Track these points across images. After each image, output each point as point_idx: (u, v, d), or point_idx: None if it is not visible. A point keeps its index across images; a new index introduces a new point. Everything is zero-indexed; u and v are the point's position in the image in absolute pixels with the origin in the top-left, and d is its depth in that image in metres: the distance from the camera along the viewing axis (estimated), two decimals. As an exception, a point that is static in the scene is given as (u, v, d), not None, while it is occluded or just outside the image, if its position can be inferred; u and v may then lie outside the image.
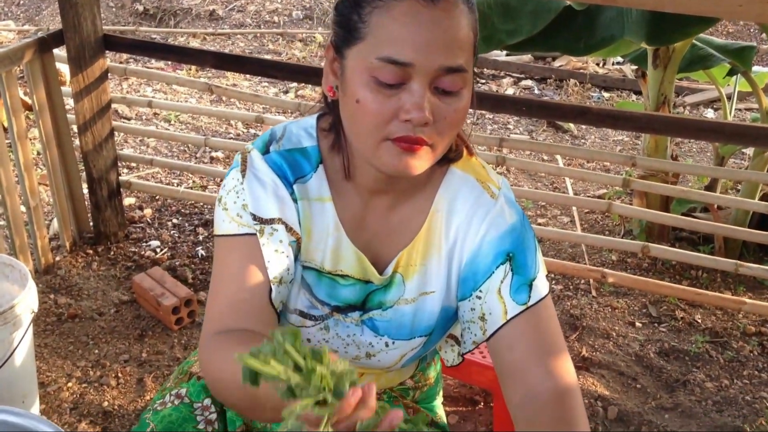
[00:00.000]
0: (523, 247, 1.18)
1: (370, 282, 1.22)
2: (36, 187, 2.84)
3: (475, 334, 1.20)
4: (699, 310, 2.90)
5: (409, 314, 1.23)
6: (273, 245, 1.14)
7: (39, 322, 2.64)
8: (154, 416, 1.32)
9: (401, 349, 1.25)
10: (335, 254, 1.20)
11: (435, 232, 1.21)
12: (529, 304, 1.16)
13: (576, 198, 3.27)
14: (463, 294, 1.21)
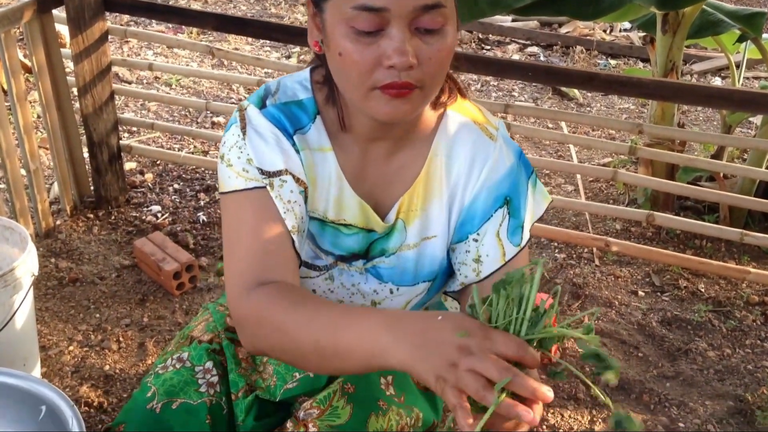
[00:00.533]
0: (518, 191, 1.20)
1: (373, 231, 1.22)
2: (36, 150, 2.81)
3: (466, 275, 1.21)
4: (702, 280, 2.89)
5: (411, 260, 1.23)
6: (285, 196, 1.14)
7: (40, 285, 2.63)
8: (156, 380, 1.32)
9: (406, 295, 1.25)
10: (338, 203, 1.20)
11: (435, 176, 1.21)
12: (522, 245, 1.20)
13: (581, 165, 3.24)
14: (459, 237, 1.22)
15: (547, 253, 3.04)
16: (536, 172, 1.28)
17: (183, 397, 1.28)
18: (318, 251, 1.23)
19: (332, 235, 1.22)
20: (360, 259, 1.24)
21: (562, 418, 2.18)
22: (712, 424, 2.18)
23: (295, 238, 1.13)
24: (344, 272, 1.24)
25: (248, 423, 1.31)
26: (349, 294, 1.25)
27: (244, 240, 1.12)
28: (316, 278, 1.24)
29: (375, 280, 1.24)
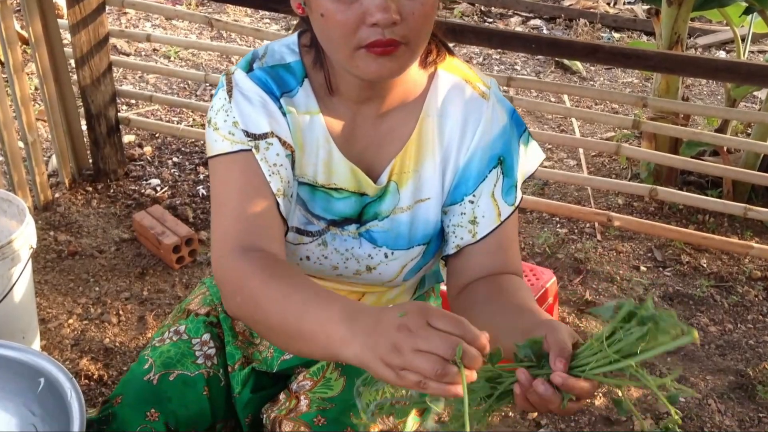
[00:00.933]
0: (511, 150, 1.20)
1: (365, 194, 1.20)
2: (33, 122, 2.78)
3: (462, 237, 1.20)
4: (705, 255, 2.87)
5: (405, 223, 1.21)
6: (271, 159, 1.13)
7: (39, 258, 2.62)
8: (153, 352, 1.31)
9: (401, 259, 1.23)
10: (327, 167, 1.19)
11: (427, 137, 1.19)
12: (516, 204, 1.21)
13: (584, 139, 3.21)
14: (453, 199, 1.21)
15: (548, 227, 3.02)
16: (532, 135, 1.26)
17: (180, 368, 1.28)
18: (310, 217, 1.21)
19: (323, 199, 1.20)
20: (353, 223, 1.22)
21: (563, 392, 2.17)
22: (713, 399, 2.17)
23: (281, 201, 1.12)
24: (337, 237, 1.23)
25: (245, 395, 1.30)
26: (343, 259, 1.24)
27: (230, 203, 1.11)
28: (309, 244, 1.23)
29: (369, 244, 1.23)
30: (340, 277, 1.26)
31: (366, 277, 1.25)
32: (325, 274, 1.26)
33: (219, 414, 1.30)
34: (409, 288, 1.38)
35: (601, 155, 3.60)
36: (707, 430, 2.06)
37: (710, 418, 2.10)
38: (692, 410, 2.12)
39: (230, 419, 1.33)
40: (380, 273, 1.24)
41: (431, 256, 1.27)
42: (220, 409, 1.30)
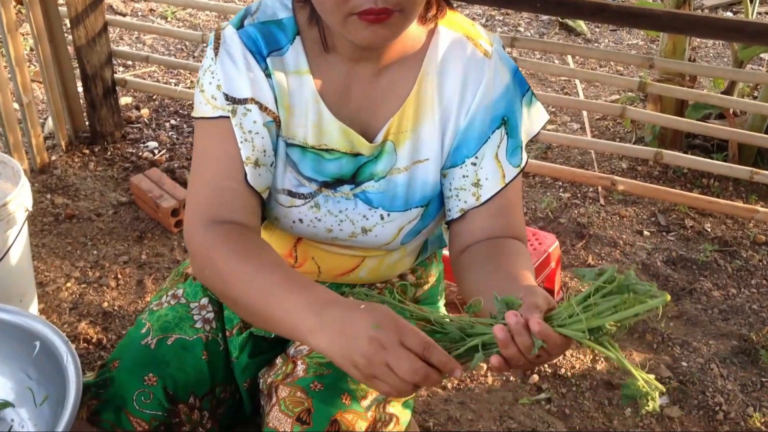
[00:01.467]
0: (514, 110, 1.17)
1: (360, 154, 1.17)
2: (28, 83, 2.73)
3: (465, 201, 1.17)
4: (709, 219, 2.84)
5: (402, 184, 1.18)
6: (247, 126, 1.11)
7: (36, 222, 2.59)
8: (150, 316, 1.29)
9: (398, 221, 1.20)
10: (317, 128, 1.16)
11: (426, 96, 1.16)
12: (522, 166, 1.18)
13: (588, 102, 3.16)
14: (454, 161, 1.18)
15: (551, 192, 2.99)
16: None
17: (178, 332, 1.26)
18: (301, 179, 1.18)
19: (313, 161, 1.17)
20: (346, 184, 1.19)
21: (564, 357, 2.16)
22: (715, 364, 2.16)
23: (249, 169, 1.11)
24: (330, 199, 1.19)
25: (242, 360, 1.28)
26: (337, 221, 1.21)
27: (206, 172, 1.11)
28: (302, 206, 1.20)
29: (364, 205, 1.20)
30: (336, 239, 1.23)
31: (362, 240, 1.22)
32: (319, 237, 1.23)
33: (218, 378, 1.28)
34: (411, 253, 1.34)
35: (606, 118, 3.55)
36: (709, 394, 2.06)
37: (712, 383, 2.09)
38: (694, 375, 2.11)
39: (229, 383, 1.31)
40: (376, 235, 1.21)
41: (431, 219, 1.24)
42: (219, 374, 1.28)
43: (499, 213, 1.17)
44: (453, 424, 1.93)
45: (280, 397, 1.15)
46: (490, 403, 2.00)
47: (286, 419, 1.12)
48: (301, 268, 1.31)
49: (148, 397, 1.19)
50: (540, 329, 0.88)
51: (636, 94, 3.65)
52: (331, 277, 1.32)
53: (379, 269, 1.32)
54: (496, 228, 1.17)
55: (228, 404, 1.32)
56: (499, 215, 1.17)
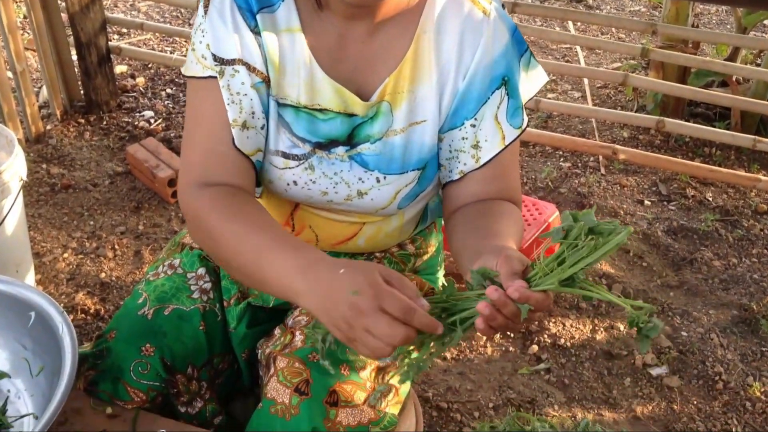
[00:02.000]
0: (514, 69, 1.15)
1: (354, 115, 1.15)
2: (22, 50, 2.69)
3: (465, 163, 1.16)
4: (710, 188, 2.82)
5: (399, 146, 1.16)
6: (234, 87, 1.10)
7: (32, 192, 2.57)
8: (147, 286, 1.27)
9: (394, 185, 1.18)
10: (310, 88, 1.14)
11: (423, 55, 1.13)
12: (523, 128, 1.16)
13: (590, 69, 3.12)
14: (453, 124, 1.16)
15: (551, 161, 2.96)
16: None
17: (175, 303, 1.24)
18: (294, 140, 1.16)
19: (307, 121, 1.15)
20: (340, 145, 1.17)
21: (564, 327, 2.15)
22: (715, 333, 2.16)
23: (236, 132, 1.09)
24: (324, 160, 1.17)
25: (240, 330, 1.27)
26: (332, 184, 1.19)
27: (198, 134, 1.11)
28: (296, 168, 1.18)
29: (360, 168, 1.17)
30: (331, 203, 1.21)
31: (358, 204, 1.20)
32: (314, 200, 1.21)
33: (216, 348, 1.27)
34: (410, 221, 1.32)
35: (607, 86, 3.51)
36: (709, 364, 2.05)
37: (712, 353, 2.09)
38: (694, 344, 2.11)
39: (227, 354, 1.30)
40: (372, 199, 1.19)
41: (428, 182, 1.22)
42: (217, 344, 1.27)
43: (494, 176, 1.16)
44: (452, 394, 1.93)
45: (279, 368, 1.14)
46: (489, 374, 1.99)
47: (285, 390, 1.11)
48: (299, 236, 1.29)
49: (145, 367, 1.18)
50: (520, 295, 0.88)
51: (638, 62, 3.60)
52: (329, 245, 1.30)
53: (378, 237, 1.30)
54: (491, 191, 1.16)
55: (226, 375, 1.31)
56: (494, 179, 1.16)
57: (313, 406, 1.09)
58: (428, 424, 1.83)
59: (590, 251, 0.88)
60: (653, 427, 1.87)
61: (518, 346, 2.09)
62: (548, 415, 1.88)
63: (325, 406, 1.09)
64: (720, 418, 1.91)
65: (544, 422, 1.04)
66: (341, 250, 1.32)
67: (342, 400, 1.11)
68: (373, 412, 1.14)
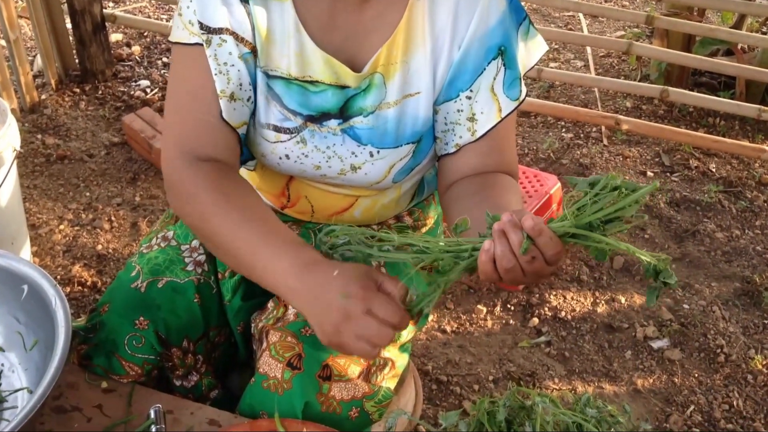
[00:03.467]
0: (511, 39, 1.11)
1: (347, 87, 1.12)
2: (15, 18, 2.64)
3: (460, 136, 1.14)
4: (714, 159, 2.79)
5: (392, 119, 1.14)
6: (222, 57, 1.08)
7: (27, 163, 2.54)
8: (140, 259, 1.25)
9: (388, 159, 1.16)
10: (300, 59, 1.11)
11: (417, 24, 1.10)
12: (520, 99, 1.13)
13: (593, 37, 3.07)
14: (449, 95, 1.13)
15: (553, 132, 2.93)
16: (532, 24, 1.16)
17: (169, 275, 1.22)
18: (286, 112, 1.13)
19: (298, 93, 1.12)
20: (333, 119, 1.14)
21: (564, 300, 2.14)
22: (717, 306, 2.14)
23: (224, 103, 1.07)
24: (316, 134, 1.14)
25: (235, 303, 1.25)
26: (325, 158, 1.16)
27: (185, 102, 1.08)
28: (287, 142, 1.15)
29: (353, 141, 1.15)
30: (325, 177, 1.18)
31: (352, 178, 1.18)
32: (307, 174, 1.18)
33: (212, 321, 1.25)
34: (406, 193, 1.30)
35: (610, 55, 3.45)
36: (711, 337, 2.04)
37: (714, 325, 2.07)
38: (696, 317, 2.09)
39: (224, 327, 1.28)
40: (366, 173, 1.16)
41: (423, 156, 1.19)
42: (213, 317, 1.25)
43: (491, 149, 1.14)
44: (452, 367, 1.92)
45: (271, 342, 1.12)
46: (489, 347, 1.98)
47: (277, 364, 1.09)
48: (294, 207, 1.27)
49: (139, 341, 1.17)
50: (533, 224, 0.85)
51: (642, 29, 3.54)
52: (325, 217, 1.28)
53: (374, 209, 1.28)
54: (488, 163, 1.14)
55: (223, 348, 1.30)
56: (491, 152, 1.14)
57: (306, 381, 1.08)
58: (428, 398, 1.82)
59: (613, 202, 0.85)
60: (654, 400, 1.87)
61: (518, 319, 2.07)
62: (548, 389, 1.87)
63: (318, 380, 1.08)
64: (721, 391, 1.90)
65: (545, 397, 1.02)
66: (337, 222, 1.29)
67: (335, 374, 1.09)
68: (368, 387, 1.13)
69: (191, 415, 1.12)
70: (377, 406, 1.14)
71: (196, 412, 1.12)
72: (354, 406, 1.11)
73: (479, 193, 1.08)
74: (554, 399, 1.02)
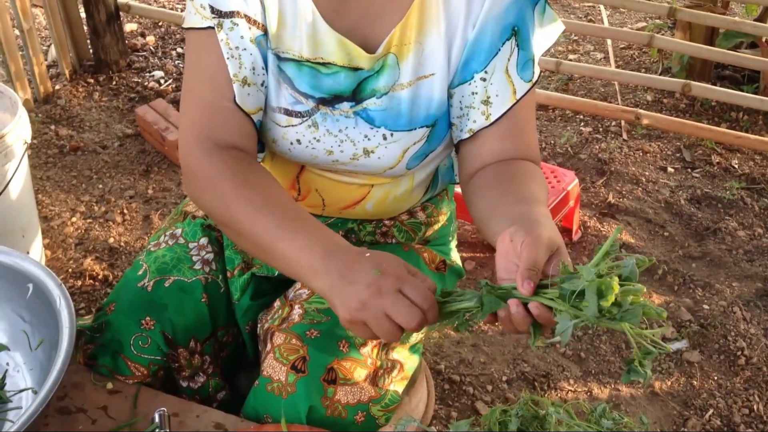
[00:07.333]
0: (525, 19, 1.08)
1: (360, 68, 1.10)
2: (29, 8, 2.62)
3: (475, 120, 1.11)
4: (736, 155, 2.73)
5: (406, 101, 1.11)
6: (234, 41, 1.06)
7: (40, 154, 2.53)
8: (148, 257, 1.23)
9: (402, 142, 1.13)
10: (312, 40, 1.08)
11: (431, 4, 1.08)
12: (534, 81, 1.11)
13: (613, 29, 3.01)
14: (463, 77, 1.10)
15: (572, 126, 2.87)
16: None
17: (176, 274, 1.19)
18: (297, 95, 1.11)
19: (310, 75, 1.10)
20: (346, 101, 1.11)
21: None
22: (738, 306, 2.09)
23: (237, 88, 1.05)
24: (328, 117, 1.12)
25: (244, 302, 1.23)
26: (337, 142, 1.14)
27: (199, 88, 1.06)
28: (299, 126, 1.13)
29: (366, 124, 1.12)
30: (337, 163, 1.15)
31: (364, 163, 1.15)
32: (319, 160, 1.15)
33: (219, 321, 1.23)
34: (419, 186, 1.26)
35: (631, 48, 3.39)
36: (731, 338, 1.99)
37: (735, 326, 2.02)
38: (716, 318, 2.05)
39: (232, 326, 1.26)
40: (379, 157, 1.14)
41: (438, 141, 1.16)
42: (221, 317, 1.23)
43: (510, 133, 1.11)
44: (465, 366, 1.89)
45: (275, 344, 1.10)
46: (503, 346, 1.95)
47: (281, 367, 1.07)
48: (305, 201, 1.24)
49: (146, 341, 1.15)
50: (539, 313, 0.86)
51: (664, 22, 3.48)
52: (336, 210, 1.25)
53: (386, 201, 1.24)
54: (508, 149, 1.10)
55: (231, 348, 1.27)
56: (510, 136, 1.11)
57: (310, 384, 1.05)
58: (440, 398, 1.80)
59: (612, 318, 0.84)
60: (672, 404, 1.83)
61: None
62: (563, 390, 1.84)
63: (323, 383, 1.06)
64: (741, 394, 1.85)
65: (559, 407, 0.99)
66: (349, 216, 1.26)
67: (341, 378, 1.07)
68: (374, 390, 1.10)
69: (197, 418, 1.10)
70: (384, 411, 1.11)
71: (201, 415, 1.10)
72: (360, 410, 1.08)
73: (501, 184, 1.06)
74: (569, 409, 0.99)
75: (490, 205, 1.04)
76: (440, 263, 1.33)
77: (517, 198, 1.01)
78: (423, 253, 1.31)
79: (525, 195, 1.01)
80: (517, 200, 1.01)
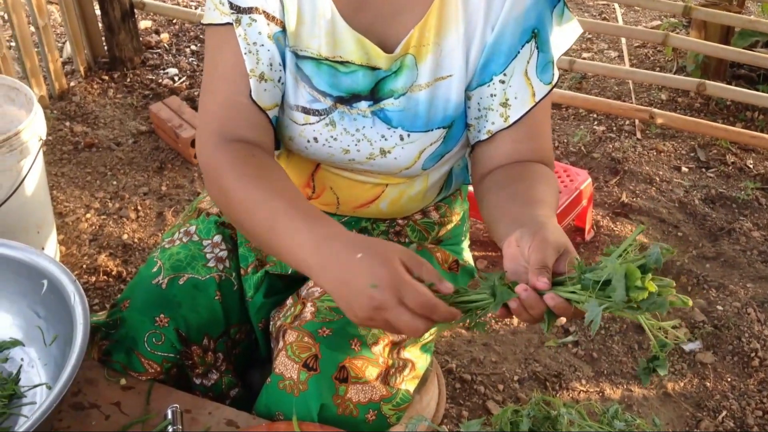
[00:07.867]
0: (544, 21, 1.08)
1: (378, 68, 1.09)
2: (44, 5, 2.64)
3: (493, 122, 1.11)
4: (751, 155, 2.71)
5: (424, 102, 1.11)
6: (252, 37, 1.06)
7: (55, 150, 2.55)
8: (162, 254, 1.24)
9: (418, 143, 1.13)
10: (331, 38, 1.08)
11: (450, 5, 1.07)
12: (553, 83, 1.11)
13: (628, 28, 2.99)
14: (482, 80, 1.10)
15: (585, 125, 2.86)
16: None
17: (190, 272, 1.20)
18: (315, 94, 1.11)
19: (328, 74, 1.10)
20: (364, 100, 1.11)
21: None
22: (752, 308, 2.08)
23: (253, 83, 1.06)
24: (346, 116, 1.12)
25: (258, 299, 1.23)
26: (354, 141, 1.14)
27: (217, 83, 1.07)
28: (316, 124, 1.13)
29: (383, 124, 1.12)
30: (353, 162, 1.15)
31: (380, 163, 1.15)
32: (335, 159, 1.16)
33: (233, 319, 1.23)
34: (434, 185, 1.26)
35: (645, 46, 3.37)
36: (745, 340, 1.98)
37: (749, 328, 2.01)
38: (730, 319, 2.03)
39: (245, 324, 1.26)
40: (395, 157, 1.14)
41: (454, 142, 1.16)
42: (234, 314, 1.24)
43: (526, 136, 1.11)
44: (476, 366, 1.89)
45: (287, 342, 1.10)
46: (515, 345, 1.94)
47: (293, 365, 1.07)
48: (319, 199, 1.25)
49: (159, 338, 1.16)
50: (555, 304, 0.87)
51: (679, 20, 3.45)
52: (351, 209, 1.25)
53: (400, 201, 1.24)
54: (522, 151, 1.11)
55: (244, 345, 1.28)
56: (526, 138, 1.11)
57: (322, 382, 1.06)
58: (451, 397, 1.80)
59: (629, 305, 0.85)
60: (684, 405, 1.82)
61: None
62: (575, 390, 1.83)
63: (335, 382, 1.06)
64: (755, 396, 1.84)
65: (570, 408, 0.98)
66: (363, 215, 1.27)
67: (352, 377, 1.07)
68: (385, 389, 1.10)
69: (209, 414, 1.10)
70: (395, 410, 1.12)
71: (214, 411, 1.11)
72: (371, 409, 1.09)
73: (511, 185, 1.06)
74: (581, 410, 0.99)
75: (498, 206, 1.04)
76: (453, 263, 1.33)
77: (524, 201, 1.01)
78: (436, 253, 1.31)
79: (533, 198, 1.01)
80: (524, 203, 1.01)
